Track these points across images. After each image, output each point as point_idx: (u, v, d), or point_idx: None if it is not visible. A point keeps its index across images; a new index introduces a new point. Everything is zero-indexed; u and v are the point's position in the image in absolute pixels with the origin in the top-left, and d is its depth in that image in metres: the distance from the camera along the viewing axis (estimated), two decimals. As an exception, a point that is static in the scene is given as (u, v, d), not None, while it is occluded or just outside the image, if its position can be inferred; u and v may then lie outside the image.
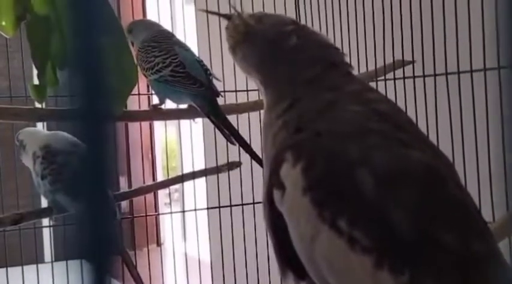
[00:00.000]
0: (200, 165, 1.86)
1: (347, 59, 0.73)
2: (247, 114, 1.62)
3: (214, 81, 1.47)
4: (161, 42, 1.47)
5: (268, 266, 1.65)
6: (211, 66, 1.62)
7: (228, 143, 1.64)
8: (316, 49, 0.72)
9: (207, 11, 0.84)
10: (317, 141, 0.64)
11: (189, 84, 1.41)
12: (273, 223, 0.67)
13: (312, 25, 1.58)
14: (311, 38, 0.73)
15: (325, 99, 0.67)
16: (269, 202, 0.66)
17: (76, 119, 0.25)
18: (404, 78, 1.45)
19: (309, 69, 0.70)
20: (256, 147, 0.77)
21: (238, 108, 1.54)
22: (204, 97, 1.41)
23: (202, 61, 1.47)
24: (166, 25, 1.84)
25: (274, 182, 0.65)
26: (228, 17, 0.76)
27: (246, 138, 1.58)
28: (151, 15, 3.27)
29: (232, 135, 1.40)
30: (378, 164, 0.61)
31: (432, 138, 1.08)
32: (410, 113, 1.28)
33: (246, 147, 1.40)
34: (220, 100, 1.62)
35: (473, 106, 1.30)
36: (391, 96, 1.37)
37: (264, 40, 0.72)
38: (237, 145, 1.43)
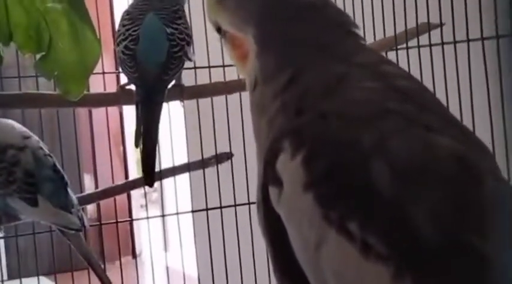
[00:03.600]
0: (182, 159, 1.86)
1: (360, 29, 0.74)
2: (238, 94, 1.62)
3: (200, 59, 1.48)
4: (138, 7, 1.49)
5: (269, 279, 1.66)
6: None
7: (216, 131, 1.64)
8: (334, 12, 0.73)
9: None
10: (322, 125, 0.65)
11: (127, 65, 1.45)
12: (270, 227, 0.67)
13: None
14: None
15: (335, 72, 0.68)
16: (264, 202, 0.67)
17: None
18: (430, 45, 1.45)
19: (324, 33, 0.70)
20: (250, 135, 0.77)
21: (227, 87, 1.54)
22: (136, 84, 1.44)
23: (174, 35, 1.46)
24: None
25: (269, 177, 0.66)
26: None
27: (238, 126, 1.59)
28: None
29: (143, 140, 1.41)
30: (397, 154, 0.61)
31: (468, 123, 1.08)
32: (439, 89, 1.29)
33: (147, 159, 1.41)
34: (205, 78, 1.62)
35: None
36: (414, 68, 1.37)
37: None
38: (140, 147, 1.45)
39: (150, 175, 1.44)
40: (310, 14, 0.71)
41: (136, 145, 1.46)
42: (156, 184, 3.37)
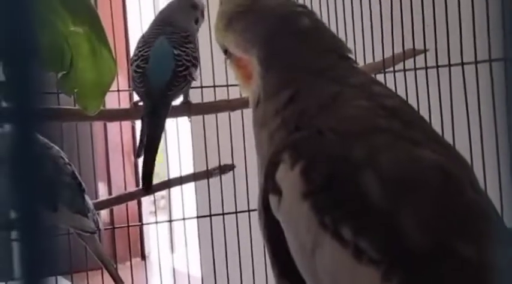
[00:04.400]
0: (188, 169, 1.85)
1: (352, 53, 0.74)
2: (240, 111, 1.62)
3: (206, 79, 1.49)
4: (152, 32, 1.52)
5: (266, 280, 1.65)
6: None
7: (220, 144, 1.64)
8: (330, 37, 0.73)
9: None
10: (318, 139, 0.64)
11: (136, 82, 1.46)
12: (270, 233, 0.67)
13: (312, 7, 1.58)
14: (322, 26, 0.74)
15: (329, 92, 0.68)
16: (265, 209, 0.66)
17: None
18: (415, 69, 1.45)
19: (321, 57, 0.70)
20: (251, 148, 0.76)
21: (230, 105, 1.54)
22: (143, 99, 1.45)
23: (180, 57, 1.46)
24: (148, 14, 1.85)
25: (269, 186, 0.65)
26: None
27: (239, 141, 1.59)
28: (132, 4, 3.27)
29: (145, 150, 1.42)
30: (386, 166, 0.61)
31: (448, 137, 1.08)
32: (423, 109, 1.29)
33: (146, 167, 1.42)
34: (211, 96, 1.62)
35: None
36: (400, 89, 1.38)
37: (273, 14, 0.72)
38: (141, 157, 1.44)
39: (148, 182, 1.44)
40: (309, 39, 0.71)
41: (138, 156, 1.46)
42: (165, 192, 3.36)
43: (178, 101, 1.50)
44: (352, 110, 0.66)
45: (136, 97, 1.52)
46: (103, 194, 3.15)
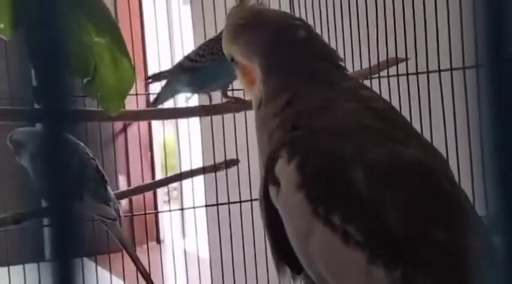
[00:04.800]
0: (198, 163, 1.85)
1: (343, 61, 0.74)
2: (244, 112, 1.61)
3: None
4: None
5: (266, 262, 1.65)
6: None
7: (226, 141, 1.64)
8: (324, 47, 0.73)
9: None
10: (312, 138, 0.64)
11: None
12: (270, 219, 0.67)
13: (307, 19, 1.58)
14: (317, 37, 0.74)
15: (323, 96, 0.67)
16: (265, 198, 0.66)
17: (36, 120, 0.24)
18: (398, 75, 1.45)
19: (315, 66, 0.70)
20: (253, 145, 0.76)
21: (235, 107, 1.54)
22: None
23: None
24: (163, 25, 1.84)
25: (269, 179, 0.65)
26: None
27: (243, 139, 1.58)
28: (148, 16, 3.26)
29: None
30: (372, 161, 0.61)
31: (427, 136, 1.08)
32: (404, 111, 1.28)
33: None
34: (218, 99, 1.62)
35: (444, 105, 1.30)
36: (385, 93, 1.37)
37: (274, 28, 0.72)
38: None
39: None
40: (305, 49, 0.71)
41: None
42: (177, 184, 3.36)
43: (191, 103, 1.49)
44: (342, 112, 0.66)
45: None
46: (123, 185, 3.15)
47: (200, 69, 1.41)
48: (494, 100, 0.25)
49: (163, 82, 1.51)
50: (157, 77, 1.48)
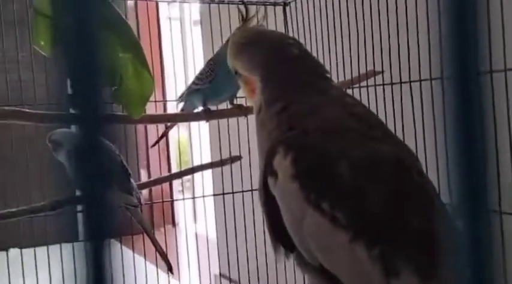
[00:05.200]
0: (207, 159, 1.86)
1: (330, 73, 0.74)
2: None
3: None
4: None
5: (265, 242, 1.65)
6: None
7: (230, 141, 1.64)
8: (313, 62, 0.73)
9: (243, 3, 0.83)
10: (304, 137, 0.65)
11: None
12: (268, 205, 0.67)
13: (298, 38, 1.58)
14: (307, 53, 0.74)
15: (313, 102, 0.68)
16: (264, 187, 0.67)
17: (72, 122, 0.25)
18: (375, 85, 1.45)
19: (307, 77, 0.70)
20: (254, 144, 0.77)
21: (238, 112, 1.54)
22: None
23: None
24: (178, 42, 1.84)
25: (268, 171, 0.66)
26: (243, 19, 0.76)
27: (245, 138, 1.58)
28: (165, 35, 3.26)
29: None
30: (355, 156, 0.61)
31: (399, 136, 1.08)
32: (381, 116, 1.28)
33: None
34: (223, 104, 1.62)
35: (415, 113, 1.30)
36: (365, 101, 1.37)
37: (271, 46, 0.72)
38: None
39: None
40: (297, 63, 0.71)
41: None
42: (189, 176, 3.36)
43: (200, 108, 1.49)
44: (330, 115, 0.67)
45: (170, 107, 1.51)
46: (144, 177, 3.16)
47: (204, 90, 1.45)
48: (457, 109, 0.25)
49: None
50: (180, 98, 1.54)
